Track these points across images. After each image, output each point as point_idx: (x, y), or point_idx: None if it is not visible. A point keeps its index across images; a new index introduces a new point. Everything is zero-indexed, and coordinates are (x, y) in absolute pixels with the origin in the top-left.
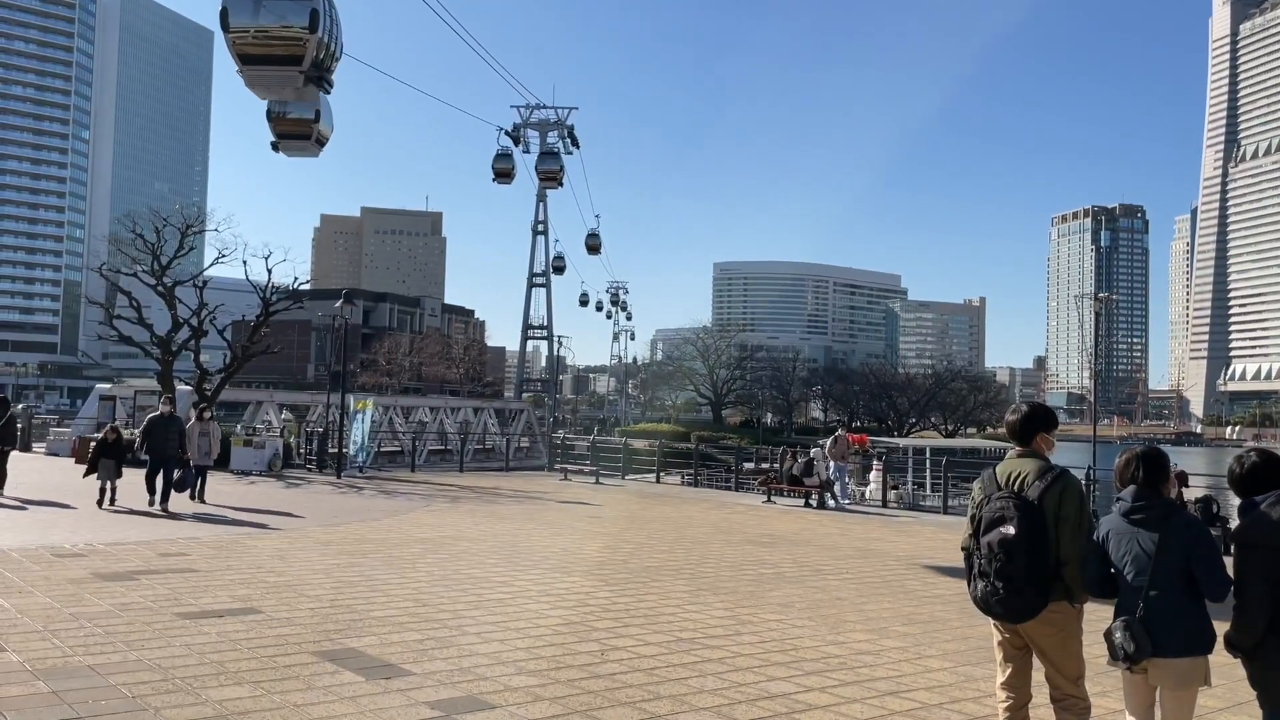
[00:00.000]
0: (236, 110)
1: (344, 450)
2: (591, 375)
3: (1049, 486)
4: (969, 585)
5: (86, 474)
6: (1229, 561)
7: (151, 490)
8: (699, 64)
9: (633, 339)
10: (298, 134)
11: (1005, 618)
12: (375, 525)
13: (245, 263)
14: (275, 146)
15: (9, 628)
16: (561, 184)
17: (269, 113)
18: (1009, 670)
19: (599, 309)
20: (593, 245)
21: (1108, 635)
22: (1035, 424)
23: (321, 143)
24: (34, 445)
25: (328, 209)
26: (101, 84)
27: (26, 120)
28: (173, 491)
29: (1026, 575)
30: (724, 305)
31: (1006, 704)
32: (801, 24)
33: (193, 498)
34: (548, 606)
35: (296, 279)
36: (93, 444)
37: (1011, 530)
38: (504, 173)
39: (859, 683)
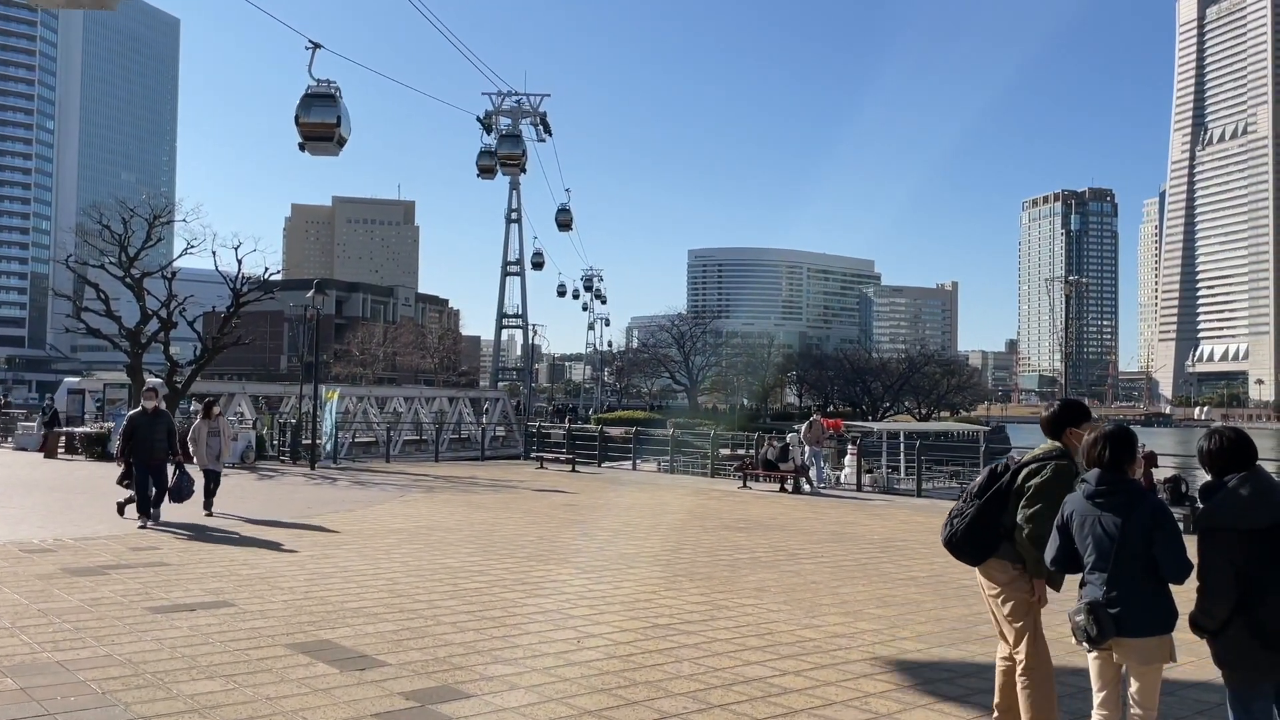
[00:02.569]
0: (204, 100)
1: (318, 441)
2: (567, 363)
3: (1039, 464)
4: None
5: (122, 479)
6: (1190, 541)
7: (144, 504)
8: (672, 51)
9: (608, 325)
10: (321, 136)
11: (950, 552)
12: (349, 516)
13: (215, 253)
14: (302, 147)
15: None
16: (524, 170)
17: (297, 118)
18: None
19: (575, 297)
20: (563, 221)
21: (1071, 617)
22: (1063, 420)
23: (341, 143)
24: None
25: (298, 199)
26: (66, 73)
27: None
28: (165, 501)
29: (970, 522)
30: (699, 292)
31: (1002, 667)
32: (774, 10)
33: (206, 507)
34: (523, 595)
35: (267, 269)
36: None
37: (976, 481)
38: (488, 169)
39: (834, 665)
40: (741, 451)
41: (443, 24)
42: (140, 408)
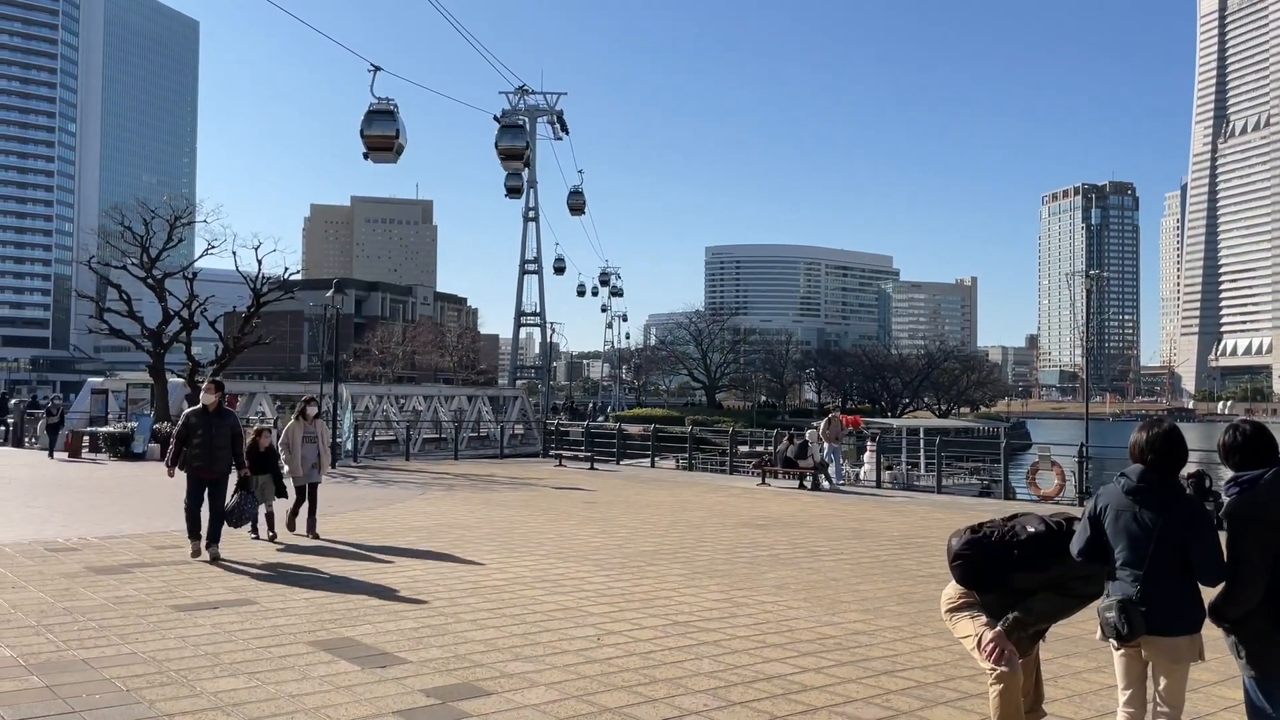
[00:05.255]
0: (223, 100)
1: (338, 440)
2: (585, 361)
3: None
4: None
5: (235, 493)
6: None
7: (194, 527)
8: (688, 48)
9: (625, 320)
10: (382, 147)
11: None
12: (370, 514)
13: (235, 254)
14: (366, 156)
15: (2, 623)
16: (528, 164)
17: (361, 131)
18: None
19: (594, 294)
20: (575, 205)
21: (1100, 613)
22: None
23: (399, 152)
24: (27, 440)
25: (317, 199)
26: (87, 76)
27: (12, 114)
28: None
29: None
30: (717, 289)
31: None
32: (791, 5)
33: (310, 529)
34: (543, 592)
35: (287, 269)
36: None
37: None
38: (516, 189)
39: (854, 662)
40: (760, 449)
41: (459, 23)
42: (199, 405)
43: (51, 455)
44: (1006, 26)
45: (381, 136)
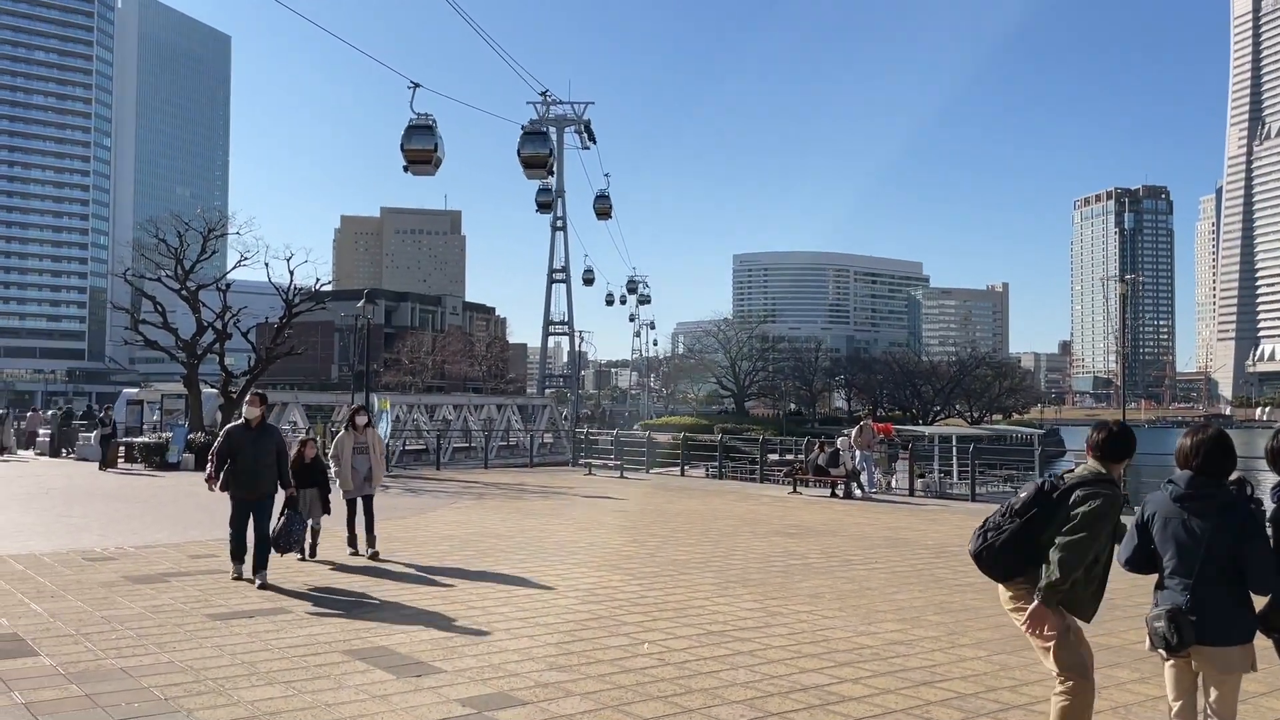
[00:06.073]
0: (254, 113)
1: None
2: (613, 370)
3: (1091, 491)
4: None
5: (281, 515)
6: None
7: (239, 550)
8: (713, 56)
9: (653, 328)
10: (421, 160)
11: (977, 565)
12: (402, 523)
13: (268, 265)
14: (406, 169)
15: (42, 632)
16: (552, 172)
17: (401, 146)
18: None
19: (623, 303)
20: (601, 210)
21: (1149, 623)
22: (1119, 452)
23: (438, 165)
24: (64, 450)
25: (347, 210)
26: (121, 92)
27: (49, 130)
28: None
29: (1007, 539)
30: (744, 297)
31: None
32: (821, 13)
33: (351, 544)
34: (576, 601)
35: (319, 280)
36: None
37: (1019, 496)
38: (546, 205)
39: (893, 673)
40: (790, 457)
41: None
42: (241, 419)
43: (103, 468)
44: (1037, 30)
45: (421, 150)
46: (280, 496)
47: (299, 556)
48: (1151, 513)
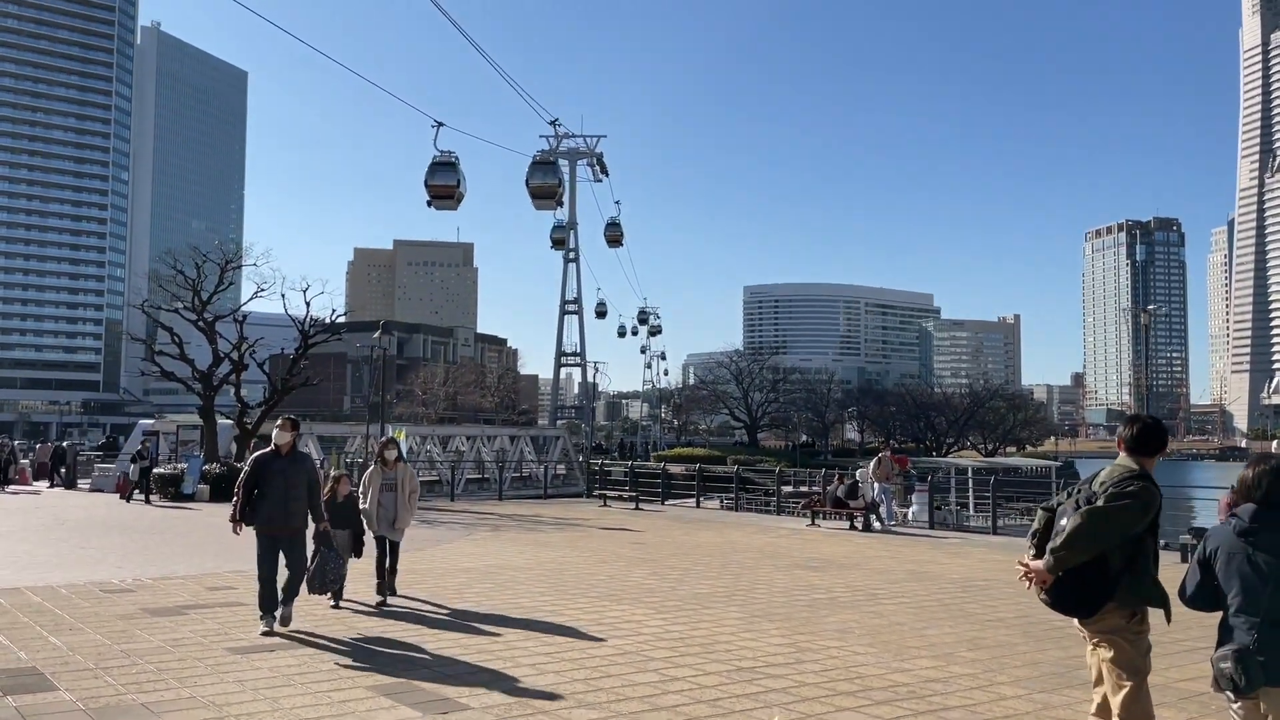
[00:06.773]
0: (270, 148)
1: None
2: (624, 401)
3: (1126, 483)
4: None
5: (316, 552)
6: None
7: (270, 600)
8: (724, 87)
9: (664, 359)
10: (444, 195)
11: (1055, 609)
12: (419, 555)
13: (284, 296)
14: (429, 204)
15: (61, 665)
16: (560, 203)
17: (425, 182)
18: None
19: (634, 334)
20: (613, 237)
21: (1215, 663)
22: (1153, 445)
23: (459, 200)
24: (79, 482)
25: (360, 242)
26: (139, 126)
27: (68, 164)
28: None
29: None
30: (755, 329)
31: None
32: (827, 42)
33: (380, 590)
34: (600, 636)
35: (334, 312)
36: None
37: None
38: (560, 241)
39: (932, 712)
40: (805, 488)
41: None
42: (271, 447)
43: (148, 501)
44: (1048, 63)
45: (444, 186)
46: (310, 532)
47: (333, 605)
48: (1214, 547)
